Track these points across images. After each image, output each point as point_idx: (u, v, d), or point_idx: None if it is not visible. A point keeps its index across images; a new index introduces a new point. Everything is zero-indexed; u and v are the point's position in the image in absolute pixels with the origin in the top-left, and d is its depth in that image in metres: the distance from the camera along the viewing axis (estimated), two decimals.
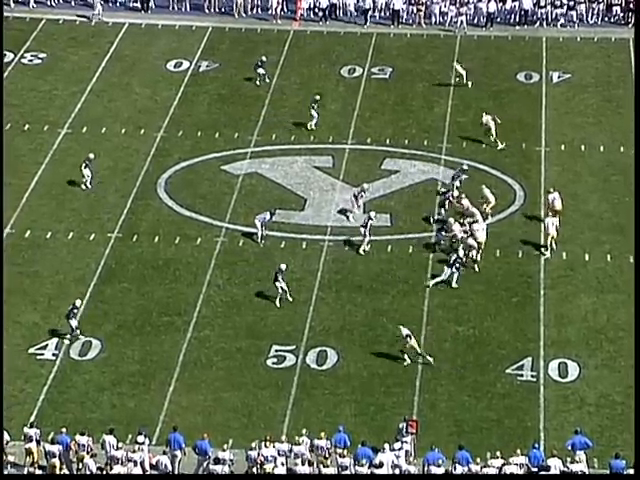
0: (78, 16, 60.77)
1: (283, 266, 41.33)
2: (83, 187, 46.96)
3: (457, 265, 41.72)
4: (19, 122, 51.36)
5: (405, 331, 37.67)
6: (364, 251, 43.32)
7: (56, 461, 33.74)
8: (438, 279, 41.92)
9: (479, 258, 42.74)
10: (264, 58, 54.28)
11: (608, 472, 33.37)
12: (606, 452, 34.22)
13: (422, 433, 34.72)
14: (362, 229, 43.41)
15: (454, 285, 41.78)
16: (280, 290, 41.08)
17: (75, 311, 39.50)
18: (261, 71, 54.06)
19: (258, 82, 54.03)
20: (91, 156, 47.39)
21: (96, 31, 59.52)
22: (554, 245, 43.37)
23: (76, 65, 56.25)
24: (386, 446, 33.54)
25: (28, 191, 46.90)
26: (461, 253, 42.23)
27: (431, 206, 46.09)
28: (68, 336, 39.49)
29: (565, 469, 33.16)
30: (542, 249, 43.51)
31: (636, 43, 56.45)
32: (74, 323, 39.41)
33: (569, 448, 34.13)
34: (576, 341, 39.58)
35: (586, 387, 37.65)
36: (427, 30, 59.73)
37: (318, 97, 51.88)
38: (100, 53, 57.20)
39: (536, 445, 34.49)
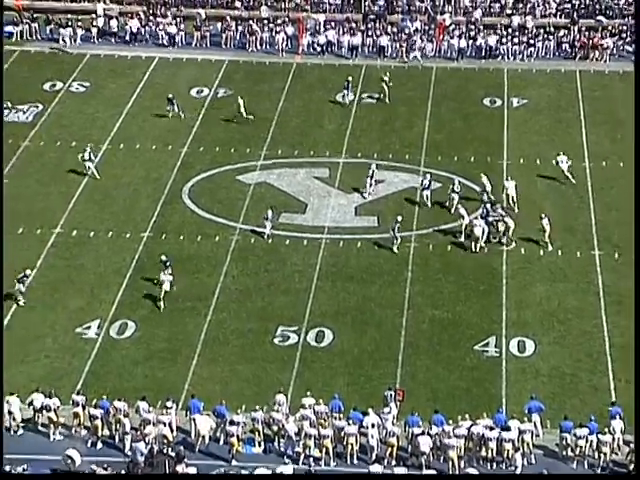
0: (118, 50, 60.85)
1: (269, 212, 43.44)
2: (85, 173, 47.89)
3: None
4: (67, 140, 51.19)
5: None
6: (397, 249, 42.83)
7: (98, 422, 33.77)
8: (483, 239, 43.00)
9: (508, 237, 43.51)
10: (170, 95, 53.21)
11: (560, 433, 33.34)
12: (557, 415, 34.26)
13: (405, 399, 34.72)
14: (391, 232, 42.88)
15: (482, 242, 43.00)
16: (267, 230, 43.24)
17: (25, 279, 39.83)
18: (175, 106, 53.02)
19: (171, 114, 52.92)
20: (88, 149, 48.09)
21: (131, 64, 59.35)
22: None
23: (115, 92, 56.05)
24: (370, 410, 33.51)
25: (75, 197, 46.77)
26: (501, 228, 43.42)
27: (411, 210, 45.98)
28: (20, 298, 39.73)
29: (521, 427, 33.19)
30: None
31: (636, 71, 56.22)
32: (22, 288, 39.69)
33: (526, 411, 34.14)
34: (532, 322, 39.54)
35: (541, 361, 37.65)
36: (408, 63, 59.56)
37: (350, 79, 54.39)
38: (135, 82, 57.02)
39: (500, 409, 34.51)
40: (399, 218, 43.40)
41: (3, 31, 60.88)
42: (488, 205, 44.74)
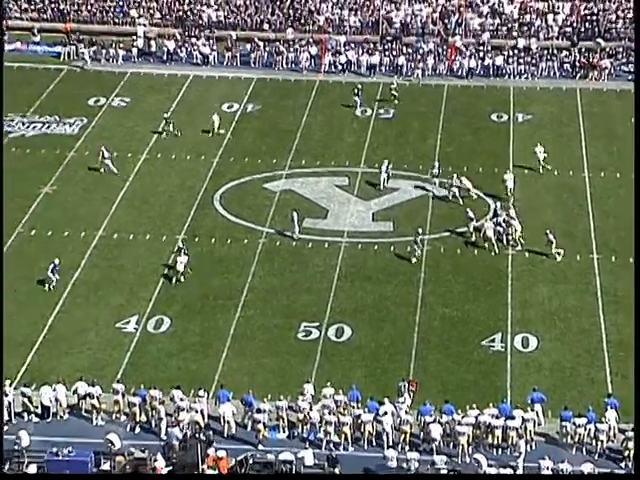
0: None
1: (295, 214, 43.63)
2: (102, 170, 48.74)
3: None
4: (109, 150, 51.32)
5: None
6: (417, 259, 42.27)
7: (136, 409, 33.85)
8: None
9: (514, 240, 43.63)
10: (166, 115, 53.17)
11: (560, 422, 33.25)
12: (557, 405, 34.11)
13: (418, 390, 34.70)
14: (414, 244, 42.42)
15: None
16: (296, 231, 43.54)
17: (56, 268, 40.42)
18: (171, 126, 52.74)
19: (164, 135, 52.57)
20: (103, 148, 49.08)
21: (168, 81, 59.50)
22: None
23: (152, 107, 56.16)
24: (386, 400, 33.53)
25: (116, 203, 46.90)
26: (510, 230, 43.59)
27: (424, 216, 45.93)
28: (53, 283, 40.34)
29: (525, 416, 33.13)
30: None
31: (636, 87, 55.98)
32: (54, 277, 40.40)
33: (529, 402, 34.06)
34: (535, 320, 39.42)
35: (543, 356, 37.53)
36: (422, 80, 59.49)
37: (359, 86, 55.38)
38: (171, 97, 57.11)
39: (504, 400, 34.44)
40: (420, 230, 43.18)
41: (3, 46, 61.17)
42: (498, 206, 44.64)
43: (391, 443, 32.98)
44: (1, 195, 44.64)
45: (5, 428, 33.39)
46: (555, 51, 61.27)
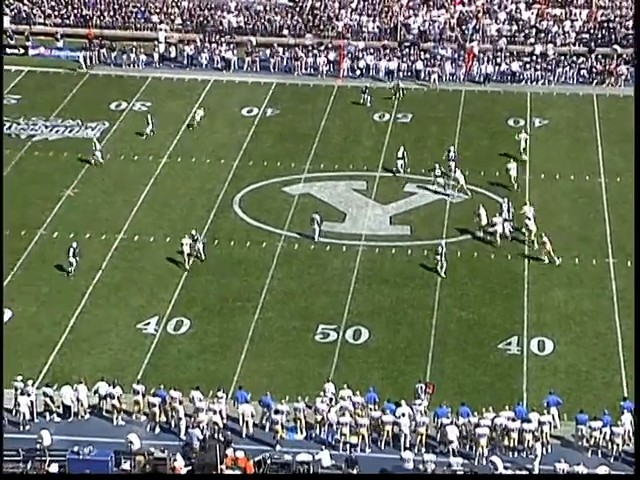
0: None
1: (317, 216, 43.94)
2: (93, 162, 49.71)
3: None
4: (130, 154, 51.53)
5: None
6: (445, 274, 41.71)
7: (156, 409, 33.88)
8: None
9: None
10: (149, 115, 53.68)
11: (575, 425, 33.10)
12: (573, 408, 33.93)
13: (435, 392, 34.62)
14: (437, 256, 41.97)
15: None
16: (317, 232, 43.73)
17: (75, 251, 41.14)
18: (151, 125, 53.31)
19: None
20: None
21: (189, 86, 59.63)
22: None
23: (173, 111, 56.30)
24: (403, 402, 33.50)
25: (137, 206, 47.00)
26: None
27: (441, 220, 45.87)
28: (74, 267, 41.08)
29: (541, 419, 33.02)
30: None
31: (636, 90, 55.88)
32: (74, 261, 41.02)
33: (545, 405, 33.93)
34: (551, 324, 39.28)
35: (558, 359, 37.38)
36: (440, 85, 59.43)
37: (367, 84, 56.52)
38: (191, 102, 57.18)
39: (520, 403, 34.32)
40: (443, 243, 42.95)
41: (3, 49, 61.35)
42: (505, 203, 44.87)
43: (408, 445, 32.89)
44: (1, 196, 44.62)
45: (27, 427, 33.53)
46: (572, 57, 61.10)
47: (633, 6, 63.52)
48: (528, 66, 60.44)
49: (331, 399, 34.09)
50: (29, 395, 33.90)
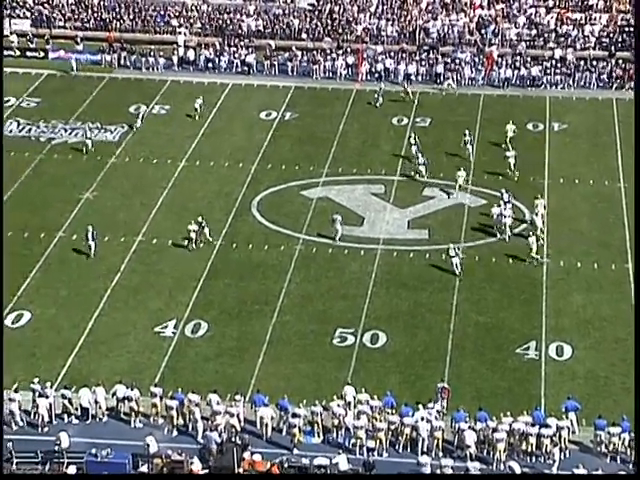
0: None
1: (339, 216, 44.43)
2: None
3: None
4: (149, 157, 51.67)
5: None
6: (461, 273, 41.96)
7: (173, 412, 33.93)
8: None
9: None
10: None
11: (594, 431, 32.95)
12: (591, 414, 33.78)
13: (450, 397, 34.54)
14: (452, 259, 42.06)
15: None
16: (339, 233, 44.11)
17: (95, 233, 42.81)
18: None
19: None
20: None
21: (207, 89, 59.73)
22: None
23: (192, 114, 56.41)
24: (420, 406, 33.44)
25: (155, 208, 47.12)
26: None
27: (460, 224, 45.80)
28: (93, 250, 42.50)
29: (559, 424, 32.90)
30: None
31: (636, 95, 55.75)
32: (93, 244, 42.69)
33: (563, 410, 33.79)
34: (570, 329, 39.13)
35: (577, 364, 37.24)
36: (458, 89, 59.33)
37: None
38: (210, 105, 57.28)
39: (538, 407, 34.20)
40: (456, 247, 42.63)
41: (3, 53, 61.60)
42: (504, 195, 45.47)
43: (426, 449, 32.82)
44: (1, 197, 44.57)
45: (45, 429, 33.65)
46: (592, 61, 60.89)
47: None
48: (548, 70, 60.25)
49: (349, 402, 34.05)
50: (47, 397, 34.01)
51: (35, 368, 36.18)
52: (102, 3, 67.69)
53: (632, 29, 63.24)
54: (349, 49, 62.59)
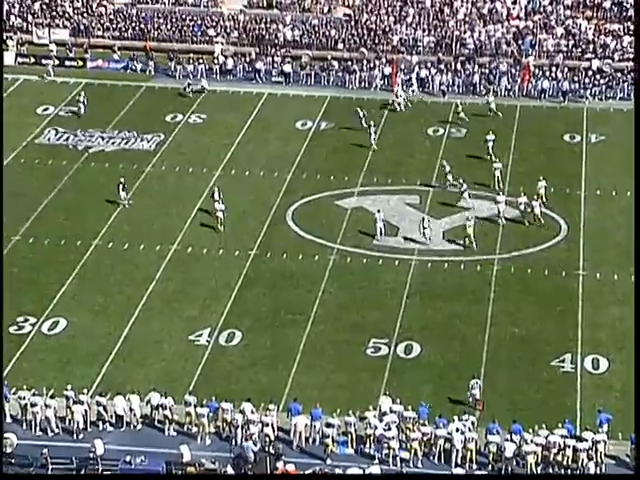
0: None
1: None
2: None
3: None
4: (185, 166, 51.89)
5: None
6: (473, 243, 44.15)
7: (206, 420, 33.97)
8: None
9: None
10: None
11: (635, 453, 32.65)
12: (628, 428, 33.48)
13: (485, 409, 34.40)
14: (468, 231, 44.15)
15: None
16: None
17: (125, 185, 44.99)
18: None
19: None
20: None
21: (244, 98, 59.95)
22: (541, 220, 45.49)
23: (228, 124, 56.64)
24: (455, 418, 33.33)
25: (190, 217, 47.30)
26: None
27: (495, 235, 45.66)
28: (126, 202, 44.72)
29: (595, 438, 32.67)
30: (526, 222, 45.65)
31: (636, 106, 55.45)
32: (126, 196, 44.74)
33: (598, 423, 33.55)
34: (606, 342, 38.87)
35: (613, 377, 36.98)
36: (495, 100, 59.12)
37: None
38: (246, 115, 57.55)
39: (569, 420, 33.84)
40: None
41: (3, 53, 62.19)
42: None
43: (459, 461, 32.68)
44: (1, 202, 44.77)
45: (80, 436, 33.84)
46: (629, 73, 60.48)
47: None
48: (585, 81, 59.93)
49: (385, 413, 33.97)
50: (82, 404, 34.23)
51: (70, 375, 36.44)
52: (140, 13, 68.20)
53: None
54: (385, 59, 62.59)
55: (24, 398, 34.26)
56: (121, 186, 47.47)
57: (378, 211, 45.32)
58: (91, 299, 41.19)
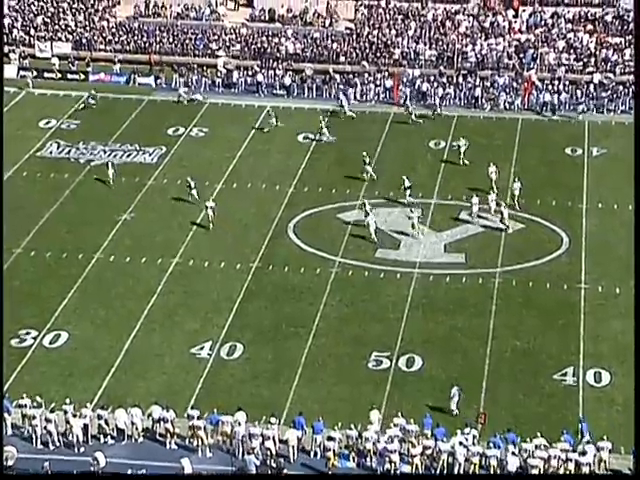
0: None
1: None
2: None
3: None
4: (186, 179, 51.96)
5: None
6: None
7: (207, 434, 33.92)
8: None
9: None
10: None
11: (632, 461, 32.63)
12: (629, 442, 33.32)
13: (485, 423, 34.37)
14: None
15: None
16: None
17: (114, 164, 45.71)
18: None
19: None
20: None
21: (245, 111, 60.10)
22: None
23: (229, 137, 56.75)
24: (458, 432, 33.30)
25: (192, 230, 47.39)
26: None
27: (496, 248, 45.70)
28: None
29: (599, 445, 32.76)
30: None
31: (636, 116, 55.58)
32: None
33: (580, 433, 33.53)
34: (608, 355, 38.85)
35: (615, 391, 36.94)
36: (496, 114, 59.23)
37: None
38: (248, 128, 57.68)
39: (567, 431, 33.78)
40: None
41: (3, 64, 62.34)
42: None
43: (463, 474, 32.63)
44: (1, 202, 44.68)
45: (81, 449, 33.82)
46: (631, 86, 60.56)
47: None
48: (587, 95, 60.01)
49: (381, 427, 33.92)
50: (82, 417, 34.20)
51: (72, 388, 36.46)
52: (142, 27, 68.43)
53: None
54: (386, 72, 62.72)
55: (25, 406, 34.29)
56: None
57: (366, 215, 45.99)
58: (93, 312, 41.23)
